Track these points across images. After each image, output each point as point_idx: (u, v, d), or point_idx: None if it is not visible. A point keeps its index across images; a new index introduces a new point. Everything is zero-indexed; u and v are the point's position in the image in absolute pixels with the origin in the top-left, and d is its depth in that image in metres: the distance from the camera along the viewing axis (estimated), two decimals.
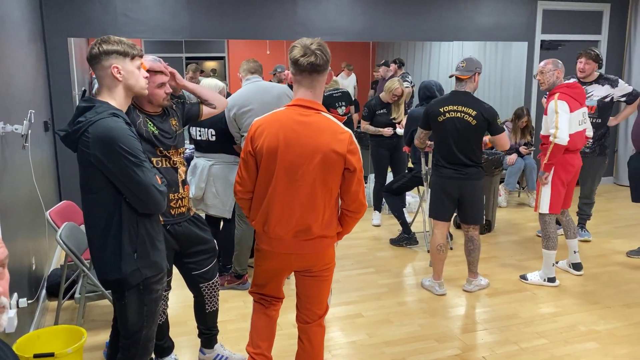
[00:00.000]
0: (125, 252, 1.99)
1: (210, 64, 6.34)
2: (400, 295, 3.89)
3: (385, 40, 6.16)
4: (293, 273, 2.43)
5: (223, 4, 5.48)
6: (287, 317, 3.41)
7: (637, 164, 4.29)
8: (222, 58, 6.24)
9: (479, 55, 6.67)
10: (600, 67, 4.67)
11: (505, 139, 3.68)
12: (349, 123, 6.03)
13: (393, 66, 6.18)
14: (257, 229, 2.28)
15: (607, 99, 4.63)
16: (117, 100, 2.02)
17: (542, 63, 3.88)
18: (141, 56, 2.08)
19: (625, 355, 3.06)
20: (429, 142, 4.04)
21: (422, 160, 4.56)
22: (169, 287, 2.79)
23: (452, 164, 3.67)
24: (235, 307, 3.63)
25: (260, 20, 5.61)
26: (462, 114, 3.60)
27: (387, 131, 5.10)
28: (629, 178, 4.48)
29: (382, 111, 5.14)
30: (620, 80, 4.69)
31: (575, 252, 4.19)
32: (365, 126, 5.22)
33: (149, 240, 2.05)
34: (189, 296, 2.96)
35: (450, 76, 3.76)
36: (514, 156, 6.06)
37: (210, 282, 2.80)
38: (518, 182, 6.27)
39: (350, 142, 2.15)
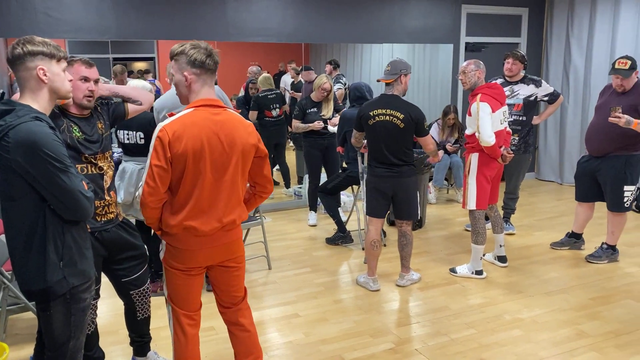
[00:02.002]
0: (50, 261, 1.92)
1: (139, 65, 6.17)
2: (336, 293, 3.95)
3: (316, 41, 6.22)
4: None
5: (151, 4, 5.36)
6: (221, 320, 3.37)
7: (586, 165, 4.49)
8: (151, 59, 6.08)
9: (408, 57, 6.87)
10: (525, 68, 4.93)
11: (430, 141, 3.84)
12: (282, 124, 6.06)
13: (328, 67, 6.26)
14: (179, 231, 2.22)
15: (532, 98, 4.89)
16: (40, 103, 1.93)
17: (465, 64, 4.05)
18: (67, 58, 2.02)
19: (545, 339, 3.25)
20: (364, 142, 4.13)
21: (359, 159, 4.64)
22: (97, 296, 2.70)
23: (384, 164, 3.78)
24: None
25: (190, 20, 5.52)
26: (391, 117, 3.70)
27: (317, 125, 5.14)
28: (575, 178, 4.63)
29: (312, 110, 5.19)
30: (543, 81, 4.97)
31: (501, 245, 4.40)
32: (296, 124, 5.25)
33: (75, 247, 1.98)
34: (119, 304, 2.88)
35: (378, 80, 3.86)
36: (440, 153, 6.28)
37: (141, 288, 2.74)
38: (446, 179, 6.51)
39: (255, 132, 2.33)
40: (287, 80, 6.66)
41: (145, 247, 2.76)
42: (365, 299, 3.84)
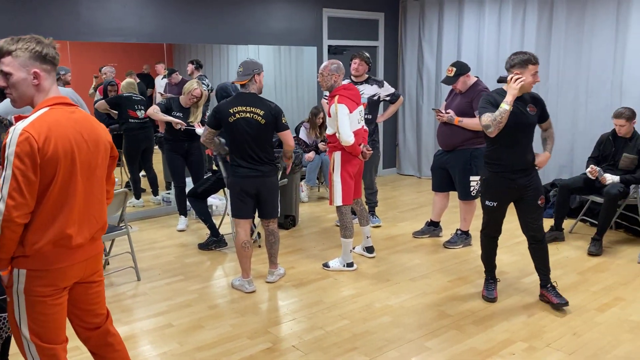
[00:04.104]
0: None
1: None
2: (211, 299, 3.88)
3: (179, 42, 6.05)
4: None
5: None
6: None
7: (439, 158, 4.88)
8: None
9: (274, 58, 6.94)
10: (370, 69, 5.20)
11: (290, 136, 3.93)
12: (149, 128, 5.80)
13: (190, 67, 6.11)
14: (47, 248, 1.97)
15: (375, 98, 5.18)
16: None
17: (322, 66, 4.19)
18: None
19: (412, 323, 3.48)
20: (221, 141, 4.07)
21: (221, 164, 4.55)
22: None
23: (247, 163, 3.80)
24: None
25: (35, 18, 5.08)
26: (252, 114, 3.73)
27: (178, 122, 4.97)
28: (431, 170, 5.05)
29: (178, 114, 5.03)
30: (385, 82, 5.30)
31: (368, 237, 4.62)
32: (155, 111, 4.97)
33: None
34: None
35: (232, 83, 3.87)
36: (312, 153, 6.44)
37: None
38: (317, 178, 6.69)
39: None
40: (162, 83, 6.35)
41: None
42: (241, 302, 3.81)
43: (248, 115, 3.72)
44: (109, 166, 2.24)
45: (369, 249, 4.64)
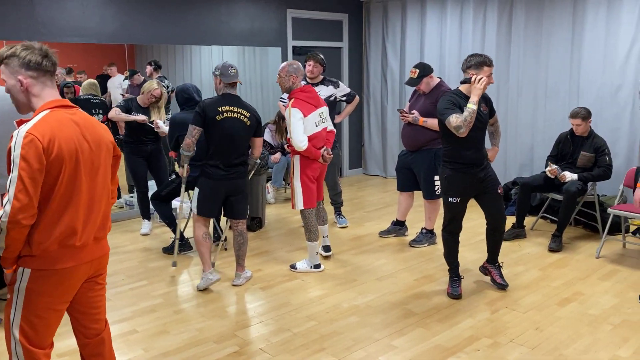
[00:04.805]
0: None
1: None
2: (176, 303, 3.82)
3: (140, 43, 5.94)
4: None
5: None
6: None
7: (404, 158, 4.92)
8: None
9: (238, 59, 6.89)
10: (324, 70, 5.21)
11: (261, 143, 3.98)
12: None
13: (149, 68, 6.00)
14: (54, 247, 1.99)
15: (332, 98, 5.20)
16: None
17: (280, 67, 4.17)
18: None
19: (379, 322, 3.50)
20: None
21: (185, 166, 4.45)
22: None
23: (224, 164, 3.81)
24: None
25: None
26: (239, 114, 3.78)
27: (141, 117, 4.90)
28: (396, 170, 5.08)
29: (137, 115, 4.94)
30: (340, 82, 5.32)
31: (324, 236, 4.62)
32: (116, 113, 4.89)
33: None
34: None
35: (227, 84, 3.86)
36: (278, 155, 6.42)
37: None
38: (284, 179, 6.67)
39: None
40: (117, 82, 6.19)
41: None
42: (207, 306, 3.77)
43: (235, 115, 3.76)
44: (113, 166, 2.27)
45: (326, 248, 4.65)
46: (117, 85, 6.14)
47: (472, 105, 3.43)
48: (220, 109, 3.76)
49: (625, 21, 5.43)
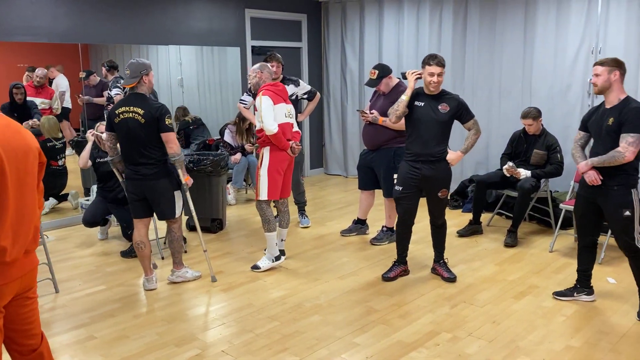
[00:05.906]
0: None
1: None
2: (135, 308, 3.75)
3: (94, 42, 5.80)
4: None
5: None
6: None
7: (365, 157, 4.97)
8: None
9: (196, 59, 6.82)
10: (283, 69, 5.22)
11: (172, 138, 3.80)
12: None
13: (103, 69, 5.86)
14: None
15: (294, 97, 5.21)
16: None
17: (250, 67, 4.23)
18: None
19: (341, 320, 3.53)
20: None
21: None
22: None
23: (130, 162, 3.85)
24: None
25: None
26: (133, 114, 3.76)
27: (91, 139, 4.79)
28: (357, 169, 5.16)
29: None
30: (300, 80, 5.34)
31: (282, 240, 4.55)
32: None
33: None
34: None
35: (123, 87, 3.84)
36: (238, 155, 6.37)
37: None
38: (245, 180, 6.63)
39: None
40: (61, 82, 6.01)
41: None
42: (167, 309, 3.71)
43: (130, 115, 3.75)
44: (38, 173, 2.12)
45: (281, 252, 4.57)
46: (65, 87, 5.95)
47: (402, 96, 3.86)
48: (117, 111, 3.78)
49: (574, 22, 5.63)
